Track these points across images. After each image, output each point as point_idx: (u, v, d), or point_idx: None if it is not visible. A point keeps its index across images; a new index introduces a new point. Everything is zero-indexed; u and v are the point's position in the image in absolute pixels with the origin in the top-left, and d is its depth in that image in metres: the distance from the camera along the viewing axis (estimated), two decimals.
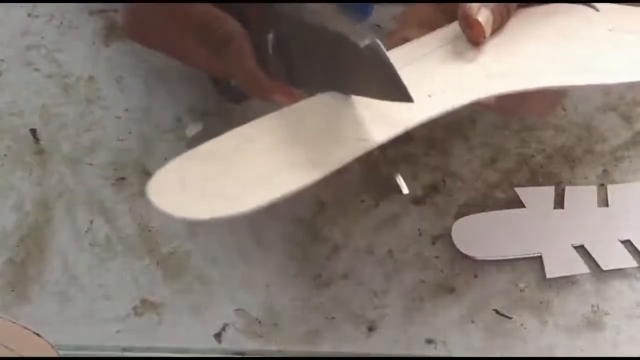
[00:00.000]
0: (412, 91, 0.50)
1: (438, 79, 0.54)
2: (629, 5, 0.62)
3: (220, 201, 0.48)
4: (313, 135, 0.51)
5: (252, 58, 0.57)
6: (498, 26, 0.56)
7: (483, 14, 0.55)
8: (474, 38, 0.55)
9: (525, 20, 0.58)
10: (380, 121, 0.51)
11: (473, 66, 0.55)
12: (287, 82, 0.56)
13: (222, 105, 0.68)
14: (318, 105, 0.53)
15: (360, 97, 0.52)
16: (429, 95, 0.52)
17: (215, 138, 0.52)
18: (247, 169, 0.50)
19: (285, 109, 0.53)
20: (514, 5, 0.58)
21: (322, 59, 0.53)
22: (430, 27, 0.57)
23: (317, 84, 0.54)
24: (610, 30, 0.58)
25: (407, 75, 0.50)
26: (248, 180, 0.49)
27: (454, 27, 0.56)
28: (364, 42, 0.49)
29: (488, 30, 0.55)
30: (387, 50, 0.51)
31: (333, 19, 0.53)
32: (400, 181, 0.63)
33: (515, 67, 0.55)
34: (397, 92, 0.50)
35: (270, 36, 0.56)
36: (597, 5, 0.60)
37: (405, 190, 0.63)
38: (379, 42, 0.50)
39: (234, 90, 0.65)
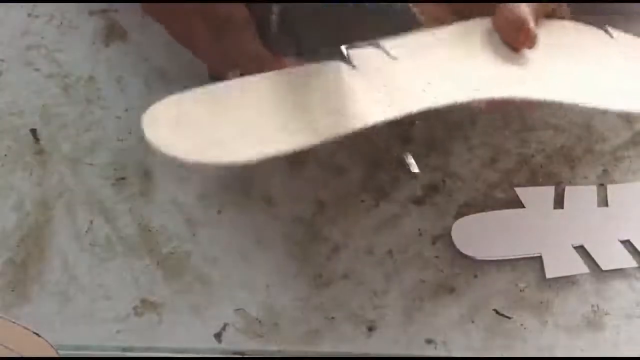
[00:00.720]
0: (416, 78, 0.50)
1: (445, 72, 0.54)
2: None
3: (212, 147, 0.48)
4: (315, 101, 0.51)
5: (254, 36, 0.57)
6: None
7: (532, 23, 0.55)
8: (524, 45, 0.55)
9: (544, 32, 0.58)
10: (382, 101, 0.51)
11: (485, 67, 0.55)
12: (293, 57, 0.56)
13: None
14: (324, 73, 0.53)
15: (366, 73, 0.52)
16: (429, 83, 0.52)
17: (219, 83, 0.51)
18: (244, 121, 0.50)
19: (293, 69, 0.53)
20: (541, 18, 0.58)
21: (329, 22, 0.53)
22: (438, 25, 0.58)
23: (324, 53, 0.54)
24: (625, 59, 0.58)
25: (416, 60, 0.50)
26: (243, 133, 0.49)
27: (467, 25, 0.57)
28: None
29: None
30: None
31: None
32: (411, 160, 0.63)
33: (524, 76, 0.55)
34: (408, 18, 0.50)
35: (274, 15, 0.56)
36: (612, 32, 0.60)
37: (415, 169, 0.63)
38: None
39: None
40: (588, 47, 0.59)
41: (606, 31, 0.60)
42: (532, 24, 0.55)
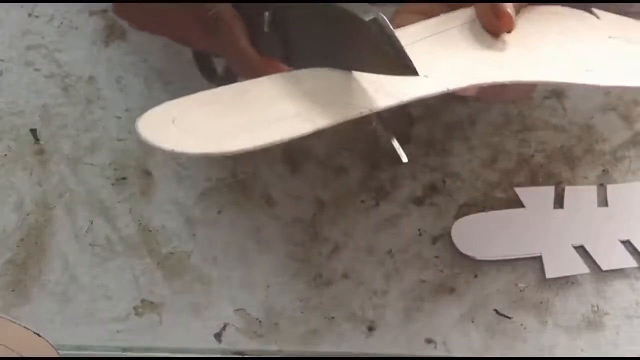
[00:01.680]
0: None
1: (437, 62, 0.54)
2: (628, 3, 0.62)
3: (210, 139, 0.49)
4: (310, 95, 0.52)
5: (244, 36, 0.57)
6: None
7: (510, 8, 0.55)
8: (502, 28, 0.56)
9: (529, 18, 0.59)
10: (377, 91, 0.51)
11: (473, 53, 0.55)
12: (281, 60, 0.56)
13: None
14: (317, 74, 0.53)
15: (358, 72, 0.52)
16: (426, 76, 0.52)
17: (212, 89, 0.52)
18: (240, 115, 0.50)
19: (285, 73, 0.53)
20: (524, 4, 0.58)
21: (323, 35, 0.53)
22: (424, 16, 0.58)
23: (315, 61, 0.54)
24: (610, 38, 0.59)
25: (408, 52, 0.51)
26: (239, 125, 0.50)
27: (455, 15, 0.57)
28: (369, 16, 0.50)
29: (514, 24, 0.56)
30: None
31: None
32: (399, 149, 0.63)
33: (514, 59, 0.55)
34: (402, 65, 0.50)
35: (267, 14, 0.56)
36: (598, 13, 0.60)
37: (404, 158, 0.63)
38: (383, 16, 0.50)
39: (219, 74, 0.65)
40: (574, 28, 0.59)
41: (592, 12, 0.61)
42: (508, 8, 0.55)
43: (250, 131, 0.49)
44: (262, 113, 0.51)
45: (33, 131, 0.69)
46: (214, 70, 0.65)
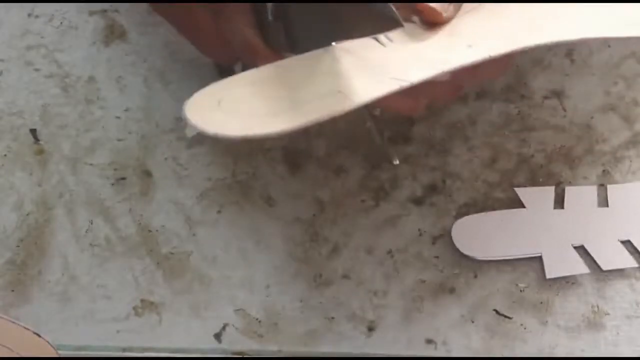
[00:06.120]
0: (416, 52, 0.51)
1: (479, 30, 0.54)
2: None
3: (253, 120, 0.50)
4: (347, 70, 0.52)
5: (251, 24, 0.57)
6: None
7: None
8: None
9: None
10: (416, 62, 0.51)
11: (512, 16, 0.55)
12: (287, 50, 0.56)
13: None
14: (351, 48, 0.54)
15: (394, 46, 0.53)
16: (470, 45, 0.52)
17: (256, 68, 0.53)
18: (281, 95, 0.51)
19: (321, 49, 0.54)
20: None
21: (321, 14, 0.53)
22: None
23: (317, 44, 0.54)
24: None
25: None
26: (280, 105, 0.50)
27: None
28: None
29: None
30: None
31: None
32: (391, 151, 0.63)
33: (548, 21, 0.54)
34: (390, 20, 0.50)
35: (270, 4, 0.56)
36: None
37: (395, 160, 0.63)
38: None
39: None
40: None
41: None
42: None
43: (292, 110, 0.50)
44: (302, 91, 0.51)
45: (33, 131, 0.69)
46: (232, 70, 0.65)
